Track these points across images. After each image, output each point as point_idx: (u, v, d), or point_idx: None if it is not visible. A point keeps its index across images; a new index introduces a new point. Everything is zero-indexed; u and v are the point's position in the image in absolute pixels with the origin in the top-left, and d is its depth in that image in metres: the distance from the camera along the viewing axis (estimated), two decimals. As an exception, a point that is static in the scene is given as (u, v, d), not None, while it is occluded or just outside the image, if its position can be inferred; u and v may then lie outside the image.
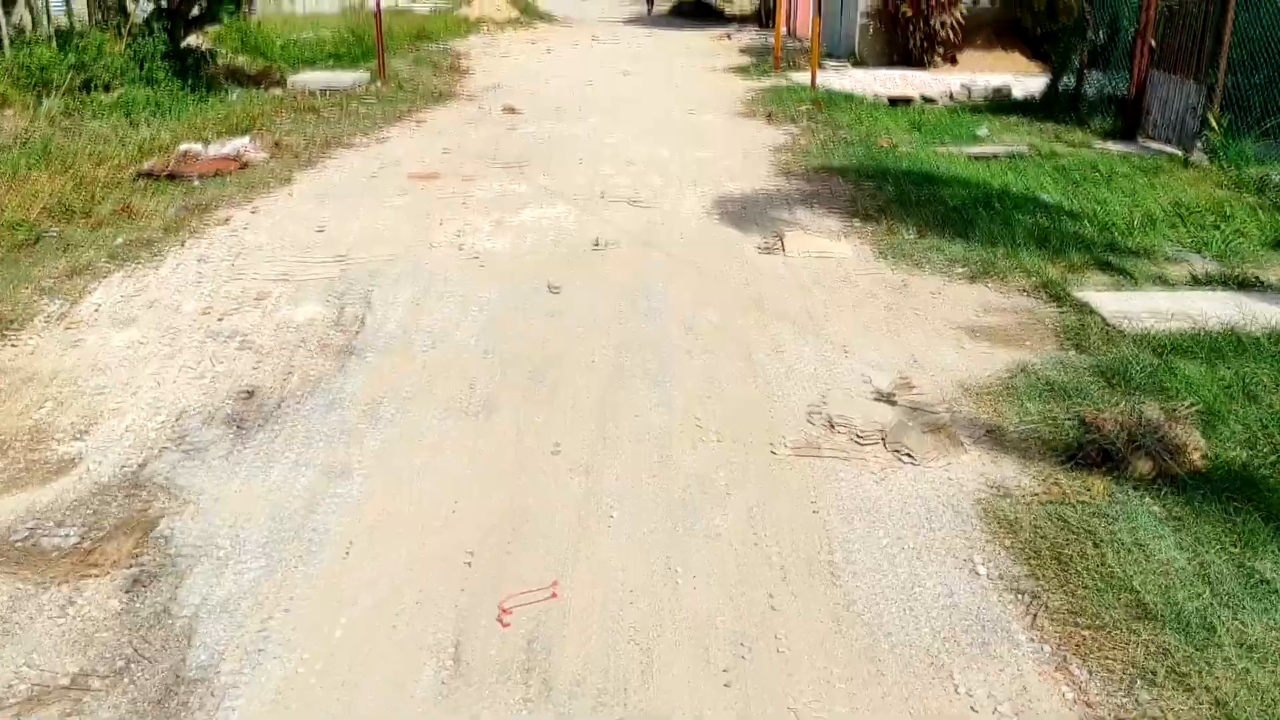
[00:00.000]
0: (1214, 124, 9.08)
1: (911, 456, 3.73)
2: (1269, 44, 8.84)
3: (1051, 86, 12.83)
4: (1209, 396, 4.06)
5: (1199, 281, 5.75)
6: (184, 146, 9.07)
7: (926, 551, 3.19)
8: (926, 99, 13.66)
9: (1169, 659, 2.66)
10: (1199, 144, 9.44)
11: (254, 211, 7.31)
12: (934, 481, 3.60)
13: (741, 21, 29.05)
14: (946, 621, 2.86)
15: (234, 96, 13.02)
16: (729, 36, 24.36)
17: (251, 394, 4.34)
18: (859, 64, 16.90)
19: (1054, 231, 6.77)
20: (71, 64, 11.80)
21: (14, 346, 4.78)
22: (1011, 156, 9.92)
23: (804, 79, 15.21)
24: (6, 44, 11.94)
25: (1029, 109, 12.67)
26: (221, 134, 10.05)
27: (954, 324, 5.17)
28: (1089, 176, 8.96)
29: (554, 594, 2.97)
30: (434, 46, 20.14)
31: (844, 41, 17.62)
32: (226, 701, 2.55)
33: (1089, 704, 2.54)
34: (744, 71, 16.96)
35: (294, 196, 7.83)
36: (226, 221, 6.98)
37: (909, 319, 5.25)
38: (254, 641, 2.76)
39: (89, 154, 8.69)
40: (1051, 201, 7.87)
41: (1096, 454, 3.61)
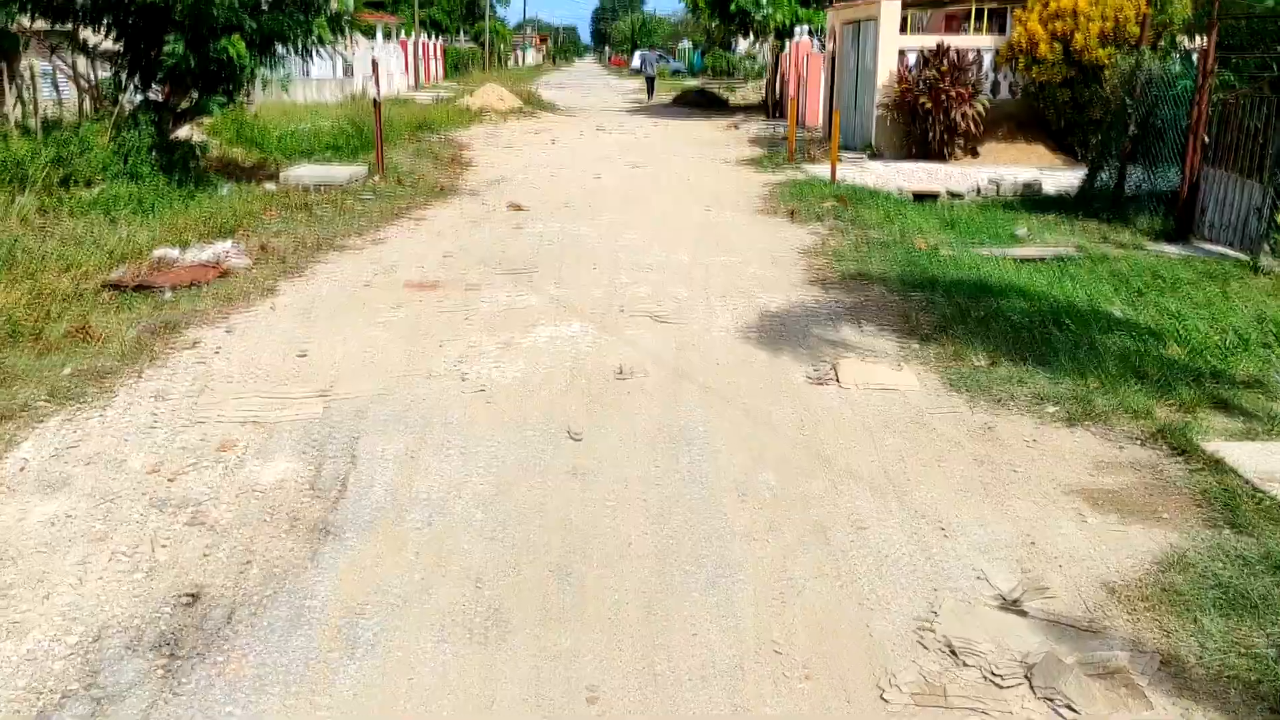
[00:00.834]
0: (1286, 226, 8.34)
1: (1074, 709, 2.76)
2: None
3: (1088, 182, 12.17)
4: None
5: (1340, 424, 4.85)
6: (159, 252, 8.26)
7: None
8: (953, 194, 13.00)
9: None
10: (1266, 247, 8.67)
11: (229, 331, 6.43)
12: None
13: (747, 111, 28.87)
14: None
15: (224, 191, 12.32)
16: (736, 126, 24.02)
17: (196, 598, 3.37)
18: (875, 156, 16.35)
19: (1142, 356, 5.89)
20: (50, 158, 11.11)
21: (-94, 524, 3.84)
22: (1060, 260, 9.15)
23: (820, 172, 14.60)
24: (-13, 138, 11.25)
25: (1064, 206, 11.98)
26: (204, 235, 9.27)
27: (1065, 486, 4.24)
28: (1151, 284, 8.16)
29: None
30: (435, 137, 19.66)
31: (859, 133, 17.10)
32: None
33: None
34: (757, 164, 16.38)
35: (276, 311, 6.97)
36: (195, 345, 6.10)
37: (1008, 479, 4.32)
38: None
39: (57, 259, 7.87)
40: (1122, 316, 7.04)
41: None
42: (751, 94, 35.28)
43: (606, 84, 54.20)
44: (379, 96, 14.07)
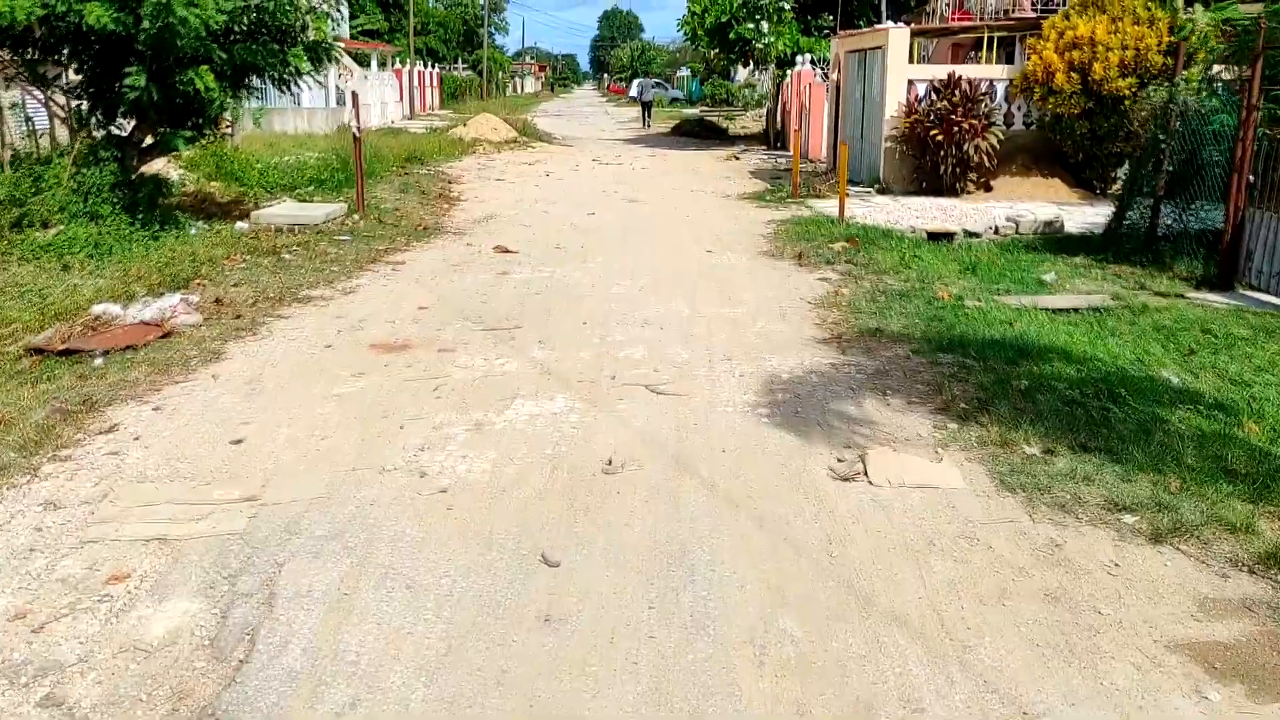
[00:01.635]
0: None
1: None
2: None
3: (1115, 221, 11.35)
4: None
5: None
6: (99, 308, 7.40)
7: None
8: (970, 233, 12.17)
9: None
10: (1327, 298, 7.84)
11: (157, 410, 5.55)
12: None
13: (747, 140, 28.19)
14: None
15: (193, 232, 11.50)
16: (736, 157, 23.28)
17: (22, 835, 2.47)
18: (884, 191, 15.56)
19: (1222, 442, 5.02)
20: (2, 198, 10.30)
21: None
22: (1096, 311, 8.30)
23: (826, 208, 13.80)
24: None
25: (1091, 247, 11.15)
26: (156, 286, 8.42)
27: (1169, 640, 3.35)
28: (1202, 341, 7.32)
29: None
30: (424, 170, 18.88)
31: (866, 166, 16.32)
32: None
33: None
34: (759, 199, 15.58)
35: (218, 382, 6.10)
36: (113, 430, 5.21)
37: (1094, 626, 3.43)
38: None
39: (-10, 314, 7.04)
40: (1180, 385, 6.18)
41: None
42: (751, 123, 34.67)
43: (605, 112, 53.72)
44: (358, 131, 13.26)
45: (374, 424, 5.40)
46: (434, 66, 49.61)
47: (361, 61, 36.02)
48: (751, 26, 23.99)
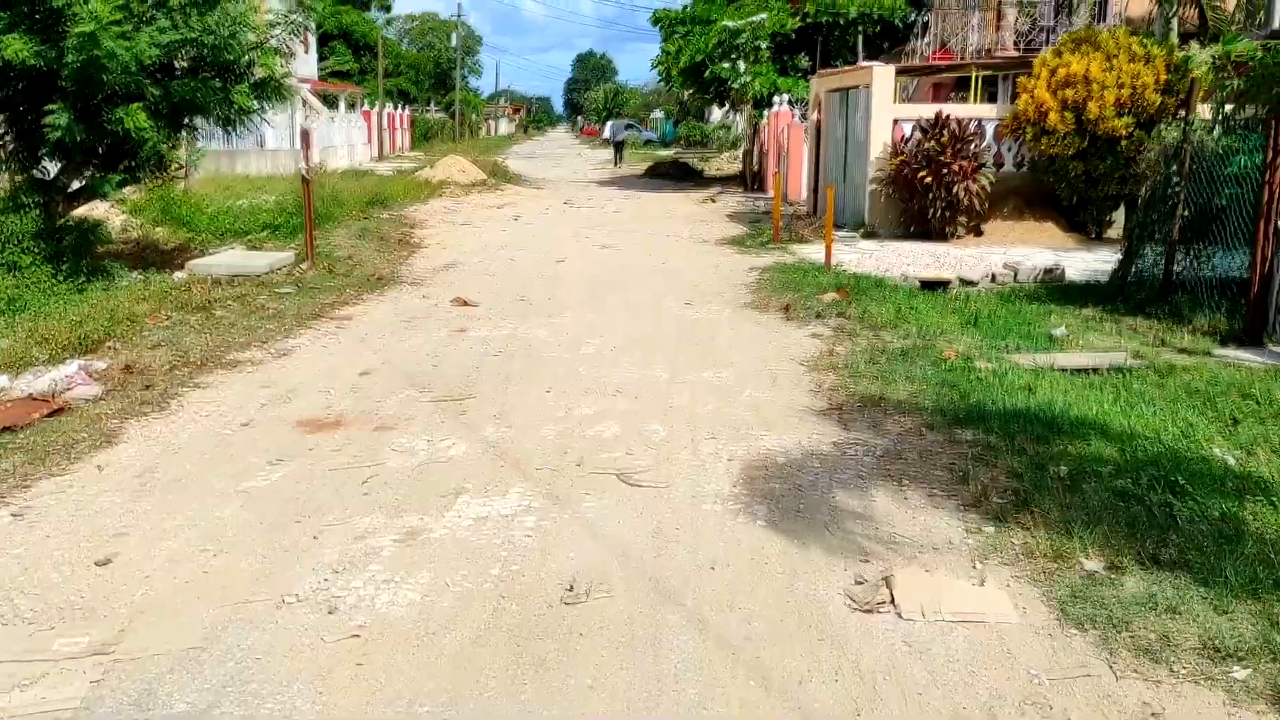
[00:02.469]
0: None
1: None
2: None
3: (1123, 268, 10.58)
4: None
5: None
6: (-20, 380, 6.36)
7: None
8: (966, 282, 11.38)
9: None
10: (1374, 357, 7.03)
11: (17, 516, 4.51)
12: None
13: (724, 182, 27.54)
14: None
15: (124, 284, 10.48)
16: (713, 200, 22.55)
17: None
18: (870, 235, 14.80)
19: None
20: (-95, 249, 9.28)
21: None
22: (1119, 372, 7.46)
23: (811, 254, 13.00)
24: None
25: (1098, 296, 10.38)
26: (62, 349, 7.38)
27: None
28: (1245, 408, 6.49)
29: None
30: (387, 214, 17.94)
31: (850, 209, 15.56)
32: None
33: None
34: (740, 244, 14.76)
35: (103, 475, 5.06)
36: (-52, 547, 4.17)
37: None
38: None
39: None
40: (1237, 467, 5.30)
41: None
42: (727, 164, 34.13)
43: (578, 154, 53.19)
44: (307, 172, 12.32)
45: (283, 533, 4.38)
46: (405, 108, 48.93)
47: (330, 103, 35.21)
48: (727, 66, 23.41)
